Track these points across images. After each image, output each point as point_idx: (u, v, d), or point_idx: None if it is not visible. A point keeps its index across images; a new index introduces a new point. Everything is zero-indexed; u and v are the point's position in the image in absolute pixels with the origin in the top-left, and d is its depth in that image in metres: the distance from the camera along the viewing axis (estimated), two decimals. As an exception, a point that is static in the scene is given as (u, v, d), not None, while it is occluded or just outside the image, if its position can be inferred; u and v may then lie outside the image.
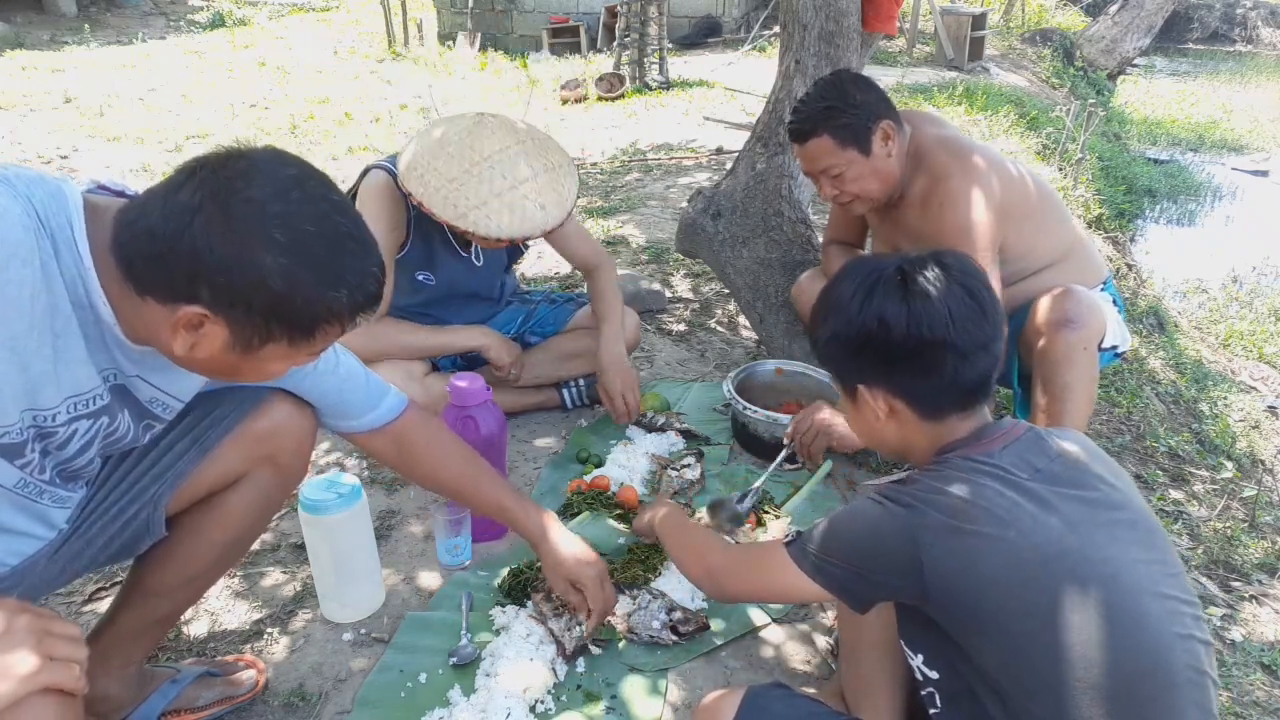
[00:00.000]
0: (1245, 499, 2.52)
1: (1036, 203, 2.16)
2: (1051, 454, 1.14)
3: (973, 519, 1.06)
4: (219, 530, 1.41)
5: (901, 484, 1.17)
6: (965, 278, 1.17)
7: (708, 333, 3.26)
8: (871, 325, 1.16)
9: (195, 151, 6.03)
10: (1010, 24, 12.36)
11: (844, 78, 2.11)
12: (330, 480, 1.75)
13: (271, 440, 1.40)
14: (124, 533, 1.32)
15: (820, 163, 2.08)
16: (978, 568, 1.05)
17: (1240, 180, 8.23)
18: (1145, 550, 1.09)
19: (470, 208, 2.03)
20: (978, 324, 1.15)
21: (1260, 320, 5.03)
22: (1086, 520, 1.07)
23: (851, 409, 1.28)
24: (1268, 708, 1.74)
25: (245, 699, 1.61)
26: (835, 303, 1.21)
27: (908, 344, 1.14)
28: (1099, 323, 2.03)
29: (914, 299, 1.15)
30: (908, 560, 1.09)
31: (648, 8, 8.41)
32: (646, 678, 1.67)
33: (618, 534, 2.05)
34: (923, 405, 1.19)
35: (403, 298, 2.35)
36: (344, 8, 15.69)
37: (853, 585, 1.17)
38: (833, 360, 1.26)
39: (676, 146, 6.27)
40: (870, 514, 1.15)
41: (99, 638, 1.45)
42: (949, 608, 1.09)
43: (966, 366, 1.15)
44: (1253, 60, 14.78)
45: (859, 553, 1.16)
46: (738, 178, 2.95)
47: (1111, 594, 1.03)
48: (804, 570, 1.21)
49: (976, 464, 1.12)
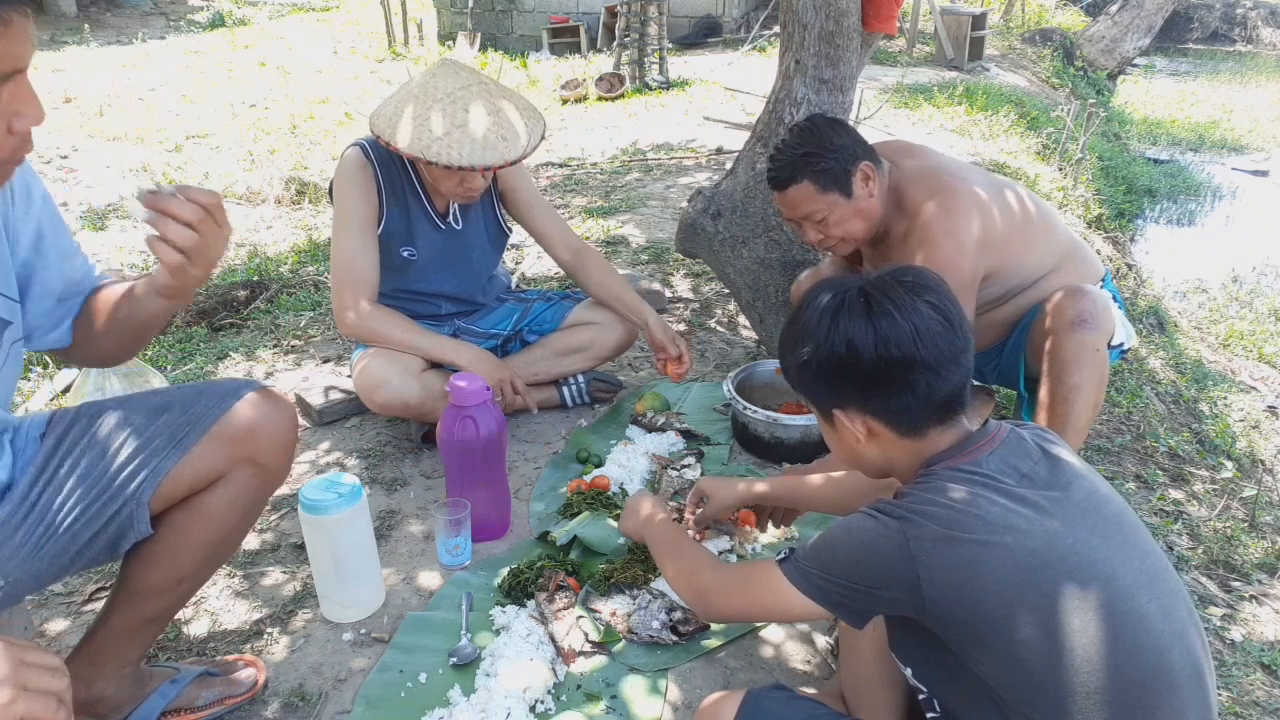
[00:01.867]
0: (1245, 499, 2.52)
1: (1021, 220, 2.14)
2: (1034, 455, 1.14)
3: (967, 527, 1.06)
4: (201, 530, 1.39)
5: (894, 498, 1.16)
6: (928, 293, 1.17)
7: (708, 333, 3.26)
8: (840, 349, 1.16)
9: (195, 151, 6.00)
10: (1010, 24, 12.37)
11: (819, 123, 2.09)
12: (330, 480, 1.75)
13: (251, 440, 1.38)
14: (107, 529, 1.31)
15: (802, 209, 2.06)
16: (975, 577, 1.05)
17: (1240, 180, 8.23)
18: (1134, 546, 1.09)
19: (433, 140, 2.06)
20: (946, 338, 1.14)
21: (1260, 320, 5.03)
22: (1077, 521, 1.07)
23: (830, 432, 1.27)
24: (1267, 708, 1.74)
25: (244, 698, 1.61)
26: (802, 329, 1.21)
27: (878, 365, 1.14)
28: (1110, 324, 2.03)
29: (878, 319, 1.14)
30: (904, 572, 1.08)
31: (648, 8, 8.42)
32: (646, 678, 1.67)
33: (618, 534, 2.05)
34: (900, 424, 1.18)
35: (392, 278, 2.35)
36: (344, 8, 15.70)
37: (849, 601, 1.16)
38: (805, 386, 1.25)
39: (676, 146, 6.27)
40: (864, 528, 1.13)
41: (93, 638, 1.45)
42: (946, 618, 1.08)
43: (939, 381, 1.14)
44: (1253, 60, 14.78)
45: (855, 567, 1.14)
46: (738, 178, 2.95)
47: (1110, 595, 1.03)
48: (799, 588, 1.19)
49: (964, 474, 1.11)
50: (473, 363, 2.29)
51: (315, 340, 3.17)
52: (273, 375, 2.91)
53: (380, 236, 2.29)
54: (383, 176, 2.27)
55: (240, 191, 5.28)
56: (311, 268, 3.93)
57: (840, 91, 2.90)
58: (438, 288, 2.45)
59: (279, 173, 5.52)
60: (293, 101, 8.14)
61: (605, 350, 2.62)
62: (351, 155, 2.27)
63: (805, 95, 2.86)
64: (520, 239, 4.06)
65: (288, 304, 3.49)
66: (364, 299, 2.26)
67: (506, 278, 2.77)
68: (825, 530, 1.20)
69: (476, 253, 2.49)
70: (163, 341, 3.18)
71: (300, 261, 4.03)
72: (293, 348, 3.11)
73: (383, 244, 2.30)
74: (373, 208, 2.27)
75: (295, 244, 4.40)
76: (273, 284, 3.65)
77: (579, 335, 2.59)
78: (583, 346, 2.58)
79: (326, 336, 3.20)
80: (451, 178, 2.16)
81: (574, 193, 5.17)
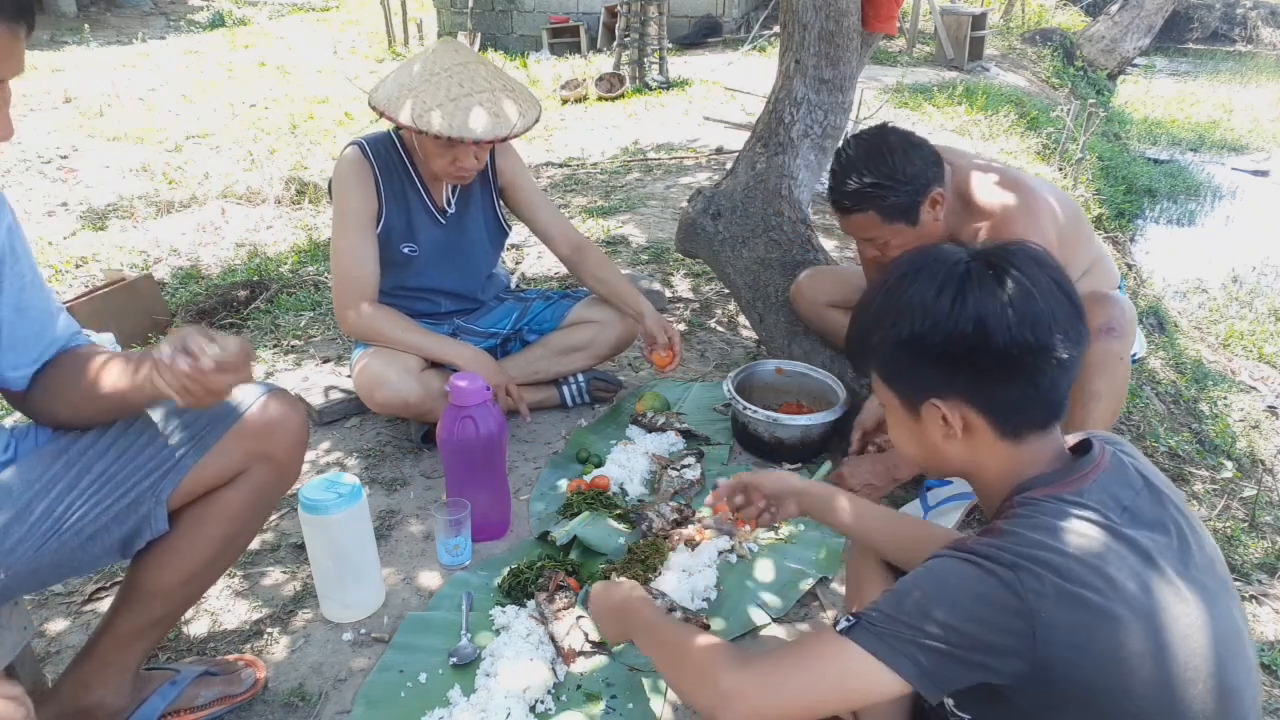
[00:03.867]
0: (1245, 499, 2.52)
1: (1066, 223, 2.12)
2: (1136, 484, 1.00)
3: (1087, 582, 0.90)
4: (217, 525, 1.41)
5: (988, 535, 0.97)
6: (1055, 272, 1.01)
7: (708, 333, 3.26)
8: (967, 328, 0.98)
9: (195, 151, 6.00)
10: (1010, 24, 12.37)
11: (891, 144, 1.93)
12: (330, 480, 1.75)
13: (269, 436, 1.40)
14: (123, 525, 1.32)
15: (865, 233, 2.00)
16: (1093, 641, 0.89)
17: (1240, 180, 8.23)
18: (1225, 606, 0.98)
19: (426, 109, 2.06)
20: (1076, 326, 1.00)
21: (1260, 320, 5.03)
22: (1183, 573, 0.95)
23: (908, 424, 1.09)
24: (1268, 708, 1.74)
25: (245, 698, 1.61)
26: (913, 303, 1.02)
27: (1009, 350, 0.97)
28: (1134, 332, 2.01)
29: (1015, 296, 0.97)
30: (1021, 632, 0.89)
31: (648, 7, 8.41)
32: (646, 678, 1.67)
33: (618, 534, 2.05)
34: (1006, 422, 1.01)
35: (393, 274, 2.35)
36: (344, 8, 15.70)
37: (943, 669, 0.93)
38: (900, 369, 1.07)
39: (676, 146, 6.27)
40: (965, 575, 0.93)
41: (97, 643, 1.45)
42: (1043, 685, 0.91)
43: (1063, 375, 1.00)
44: (1253, 60, 14.77)
45: (958, 626, 0.91)
46: (738, 178, 2.95)
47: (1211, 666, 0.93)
48: (883, 659, 0.93)
49: (1068, 507, 0.95)
50: (470, 364, 2.29)
51: (315, 340, 3.17)
52: (273, 375, 2.91)
53: (380, 234, 2.30)
54: (381, 175, 2.27)
55: (240, 191, 5.28)
56: (311, 268, 3.93)
57: (840, 91, 2.90)
58: (437, 284, 2.46)
59: (279, 173, 5.53)
60: (292, 101, 8.14)
61: (605, 349, 2.62)
62: (350, 154, 2.28)
63: (805, 95, 2.86)
64: (520, 238, 4.06)
65: (288, 304, 3.49)
66: (365, 299, 2.26)
67: (506, 278, 2.78)
68: (900, 584, 0.98)
69: (477, 248, 2.49)
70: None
71: (300, 261, 4.03)
72: (293, 348, 3.11)
73: (383, 241, 2.31)
74: (372, 206, 2.27)
75: (295, 244, 4.40)
76: (273, 284, 3.65)
77: (578, 334, 2.59)
78: (582, 345, 2.58)
79: (326, 336, 3.20)
80: (444, 155, 2.16)
81: (574, 192, 5.17)
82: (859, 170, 1.92)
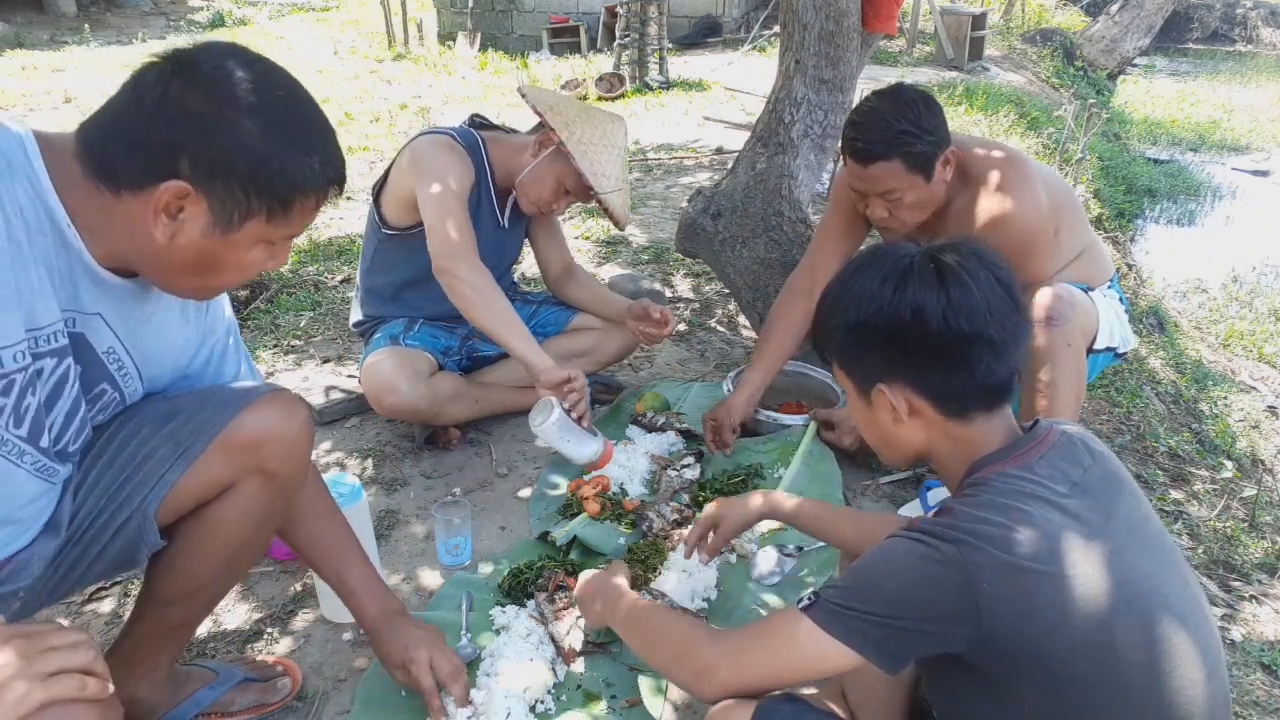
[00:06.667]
0: (1245, 499, 2.52)
1: (1060, 204, 2.13)
2: (1084, 461, 1.05)
3: (1030, 553, 0.95)
4: (213, 543, 1.36)
5: (939, 515, 1.04)
6: (996, 269, 1.08)
7: (708, 333, 3.26)
8: (905, 315, 1.06)
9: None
10: (1010, 24, 12.37)
11: (913, 98, 1.99)
12: (330, 480, 1.75)
13: (258, 449, 1.31)
14: (116, 541, 1.29)
15: (882, 185, 1.98)
16: (1037, 609, 0.95)
17: (1240, 180, 8.23)
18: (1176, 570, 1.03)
19: (605, 177, 2.26)
20: (1011, 318, 1.06)
21: (1260, 320, 5.03)
22: (1128, 543, 1.00)
23: (864, 409, 1.16)
24: (1268, 708, 1.74)
25: (277, 707, 1.60)
26: (860, 292, 1.10)
27: (943, 337, 1.04)
28: (1084, 320, 2.02)
29: (951, 288, 1.05)
30: (964, 605, 0.96)
31: (648, 7, 8.41)
32: (647, 678, 1.67)
33: (618, 534, 2.05)
34: (948, 404, 1.08)
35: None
36: (344, 8, 15.69)
37: (893, 643, 1.01)
38: (850, 354, 1.15)
39: (676, 146, 6.27)
40: (912, 554, 1.00)
41: (121, 643, 1.45)
42: (998, 652, 0.98)
43: (999, 363, 1.06)
44: (1253, 60, 14.77)
45: (904, 602, 0.99)
46: (738, 178, 2.95)
47: (1167, 625, 0.97)
48: (836, 635, 1.02)
49: (1017, 482, 1.01)
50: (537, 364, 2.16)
51: (315, 340, 3.17)
52: (273, 375, 2.91)
53: None
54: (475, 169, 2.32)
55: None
56: (311, 268, 3.93)
57: (840, 91, 2.90)
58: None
59: (279, 173, 5.52)
60: (293, 101, 8.13)
61: (607, 355, 2.65)
62: (445, 139, 2.28)
63: (805, 95, 2.86)
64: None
65: (288, 304, 3.49)
66: (468, 258, 2.16)
67: (509, 279, 2.79)
68: (856, 564, 1.07)
69: (508, 258, 2.60)
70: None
71: (300, 261, 4.02)
72: (292, 348, 3.11)
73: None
74: (467, 189, 2.27)
75: (295, 243, 4.39)
76: (273, 284, 3.65)
77: (582, 340, 2.62)
78: (585, 350, 2.61)
79: (326, 336, 3.20)
80: (560, 198, 2.33)
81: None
82: (887, 118, 1.94)
